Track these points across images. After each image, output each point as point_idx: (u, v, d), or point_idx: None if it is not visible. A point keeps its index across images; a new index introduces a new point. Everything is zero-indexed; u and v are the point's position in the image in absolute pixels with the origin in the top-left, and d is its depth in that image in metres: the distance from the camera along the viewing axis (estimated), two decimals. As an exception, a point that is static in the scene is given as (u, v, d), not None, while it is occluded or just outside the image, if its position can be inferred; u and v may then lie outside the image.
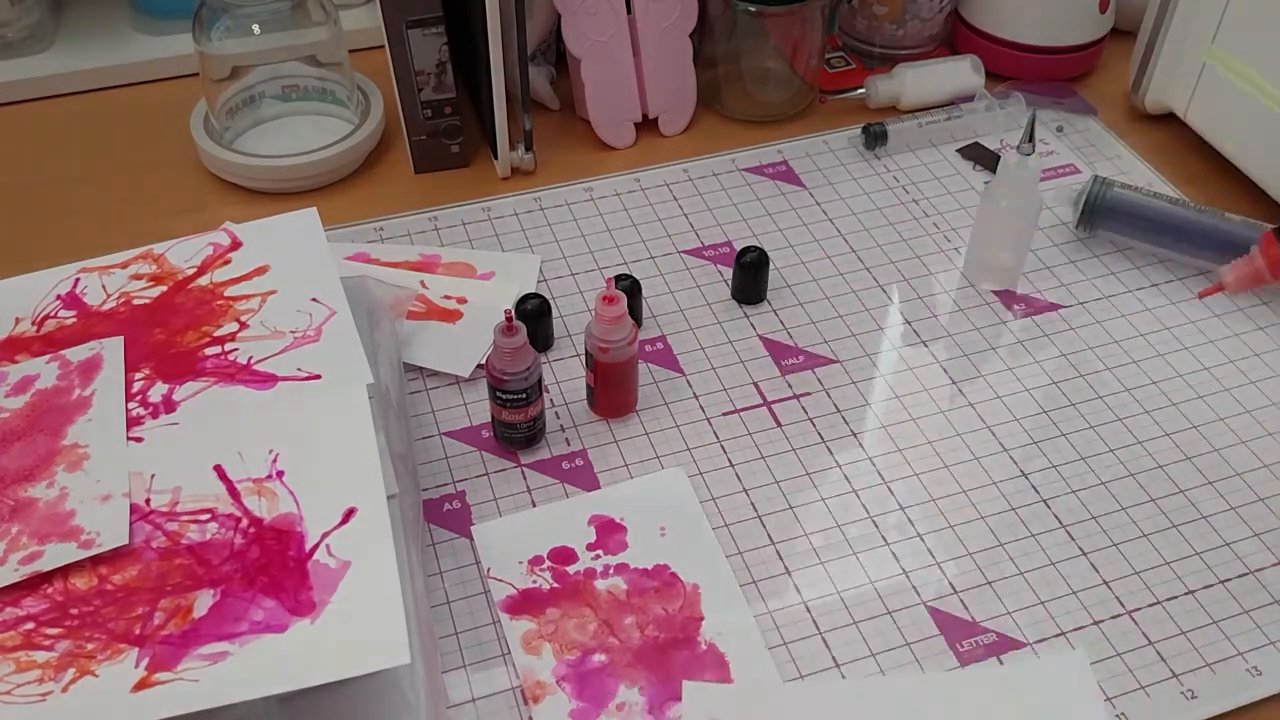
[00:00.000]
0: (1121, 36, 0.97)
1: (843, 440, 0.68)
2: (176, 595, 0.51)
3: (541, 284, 0.78)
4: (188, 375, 0.60)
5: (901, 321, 0.76)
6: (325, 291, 0.64)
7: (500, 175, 0.87)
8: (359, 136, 0.86)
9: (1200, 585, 0.61)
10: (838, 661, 0.58)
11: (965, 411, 0.70)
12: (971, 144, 0.90)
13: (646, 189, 0.86)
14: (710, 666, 0.57)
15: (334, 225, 0.81)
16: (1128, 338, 0.75)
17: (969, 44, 0.97)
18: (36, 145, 0.91)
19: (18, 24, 0.95)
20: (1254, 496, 0.65)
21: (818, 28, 0.90)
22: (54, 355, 0.62)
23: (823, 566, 0.62)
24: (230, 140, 0.87)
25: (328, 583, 0.51)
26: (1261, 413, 0.70)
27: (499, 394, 0.64)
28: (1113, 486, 0.66)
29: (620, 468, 0.67)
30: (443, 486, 0.66)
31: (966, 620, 0.60)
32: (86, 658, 0.49)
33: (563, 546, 0.62)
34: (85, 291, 0.66)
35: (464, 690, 0.57)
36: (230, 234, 0.68)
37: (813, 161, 0.89)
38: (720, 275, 0.79)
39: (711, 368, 0.72)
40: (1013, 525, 0.64)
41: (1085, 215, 0.80)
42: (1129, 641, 0.59)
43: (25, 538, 0.53)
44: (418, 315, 0.74)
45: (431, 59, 0.82)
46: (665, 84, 0.89)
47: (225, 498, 0.54)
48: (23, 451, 0.57)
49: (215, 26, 0.83)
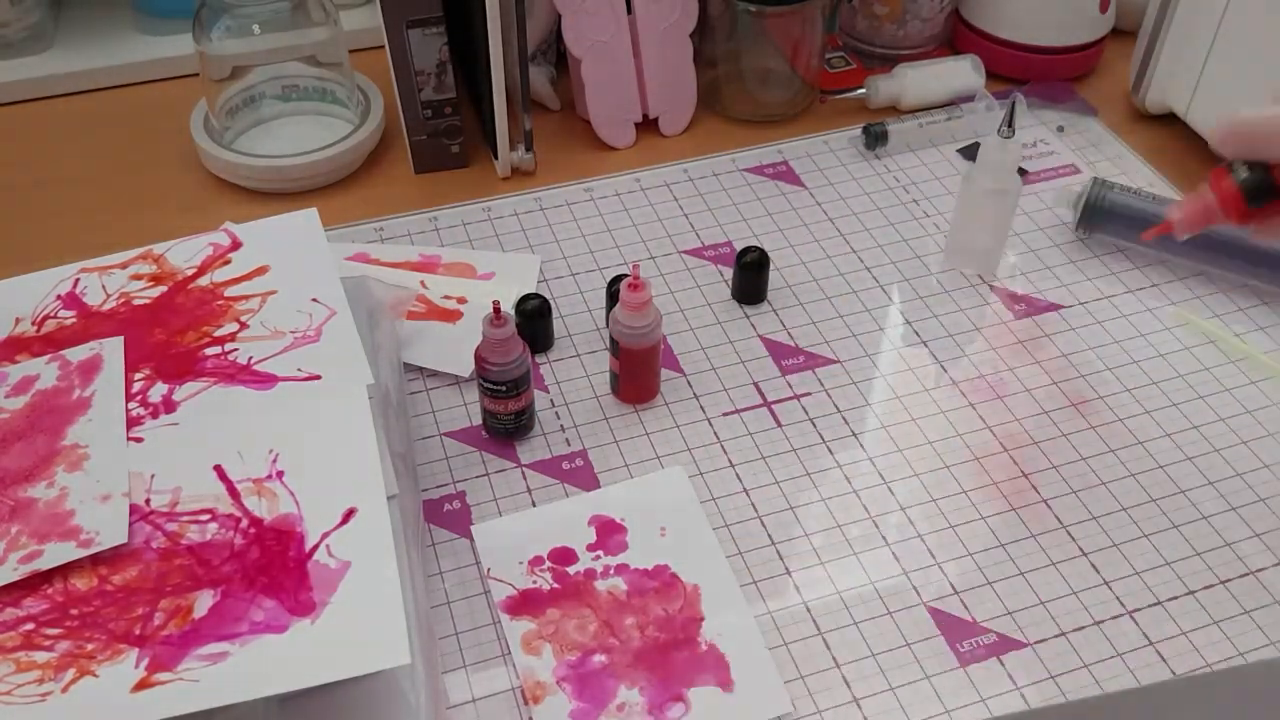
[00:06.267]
0: (1121, 36, 0.97)
1: (843, 440, 0.68)
2: (176, 596, 0.51)
3: (541, 284, 0.78)
4: (188, 375, 0.60)
5: (902, 322, 0.76)
6: (325, 292, 0.64)
7: (500, 175, 0.87)
8: (359, 136, 0.86)
9: (1200, 585, 0.61)
10: (838, 662, 0.58)
11: (965, 412, 0.70)
12: (972, 144, 0.90)
13: (646, 189, 0.86)
14: (710, 667, 0.57)
15: (334, 225, 0.81)
16: (1128, 338, 0.75)
17: (969, 44, 0.97)
18: (36, 145, 0.91)
19: (18, 24, 0.95)
20: (1254, 496, 0.65)
21: (818, 28, 0.90)
22: (54, 355, 0.62)
23: (823, 567, 0.62)
24: (230, 140, 0.87)
25: (328, 583, 0.51)
26: (1261, 413, 0.70)
27: (485, 383, 0.64)
28: (1113, 486, 0.66)
29: (620, 468, 0.67)
30: (443, 486, 0.66)
31: (966, 620, 0.60)
32: (86, 658, 0.49)
33: (563, 547, 0.62)
34: (85, 291, 0.65)
35: (464, 690, 0.57)
36: (230, 234, 0.68)
37: (813, 161, 0.89)
38: (720, 275, 0.79)
39: (712, 368, 0.72)
40: (1013, 525, 0.64)
41: (1084, 218, 0.80)
42: (1129, 641, 0.59)
43: (25, 537, 0.53)
44: (418, 315, 0.74)
45: (431, 59, 0.82)
46: (665, 84, 0.89)
47: (225, 498, 0.54)
48: (23, 451, 0.57)
49: (215, 26, 0.83)
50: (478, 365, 0.64)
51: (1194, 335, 0.75)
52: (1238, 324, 0.75)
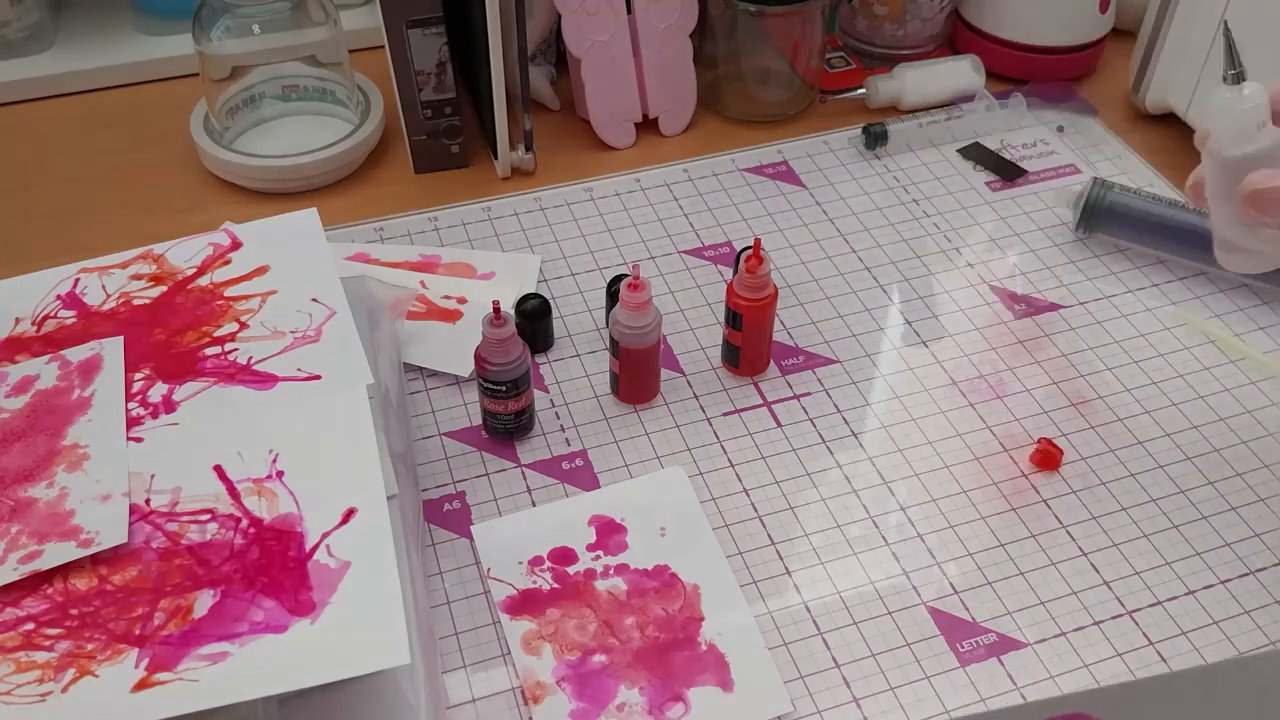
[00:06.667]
0: (1121, 36, 0.97)
1: (843, 440, 0.68)
2: (176, 595, 0.51)
3: (541, 284, 0.78)
4: (188, 375, 0.60)
5: (902, 321, 0.76)
6: (325, 292, 0.64)
7: (500, 175, 0.87)
8: (359, 136, 0.86)
9: (1200, 585, 0.61)
10: (838, 662, 0.58)
11: (965, 411, 0.70)
12: (972, 144, 0.90)
13: (646, 189, 0.86)
14: (710, 667, 0.57)
15: (334, 225, 0.81)
16: (1128, 338, 0.75)
17: (969, 44, 0.97)
18: (36, 145, 0.91)
19: (18, 24, 0.95)
20: (1254, 496, 0.65)
21: (818, 28, 0.90)
22: (54, 355, 0.62)
23: (823, 566, 0.62)
24: (230, 140, 0.87)
25: (328, 583, 0.51)
26: (1261, 413, 0.70)
27: (485, 383, 0.64)
28: (1113, 486, 0.66)
29: (620, 468, 0.67)
30: (443, 486, 0.66)
31: (966, 620, 0.60)
32: (86, 658, 0.49)
33: (563, 547, 0.62)
34: (85, 291, 0.65)
35: (464, 690, 0.57)
36: (230, 234, 0.68)
37: (813, 161, 0.89)
38: (720, 275, 0.79)
39: (711, 368, 0.72)
40: (1013, 525, 0.64)
41: (1084, 218, 0.80)
42: (1129, 641, 0.59)
43: (25, 537, 0.53)
44: (418, 315, 0.74)
45: (431, 59, 0.82)
46: (665, 84, 0.89)
47: (225, 498, 0.54)
48: (23, 451, 0.57)
49: (215, 26, 0.83)
50: (478, 365, 0.64)
51: (1194, 335, 0.75)
52: (1238, 324, 0.75)
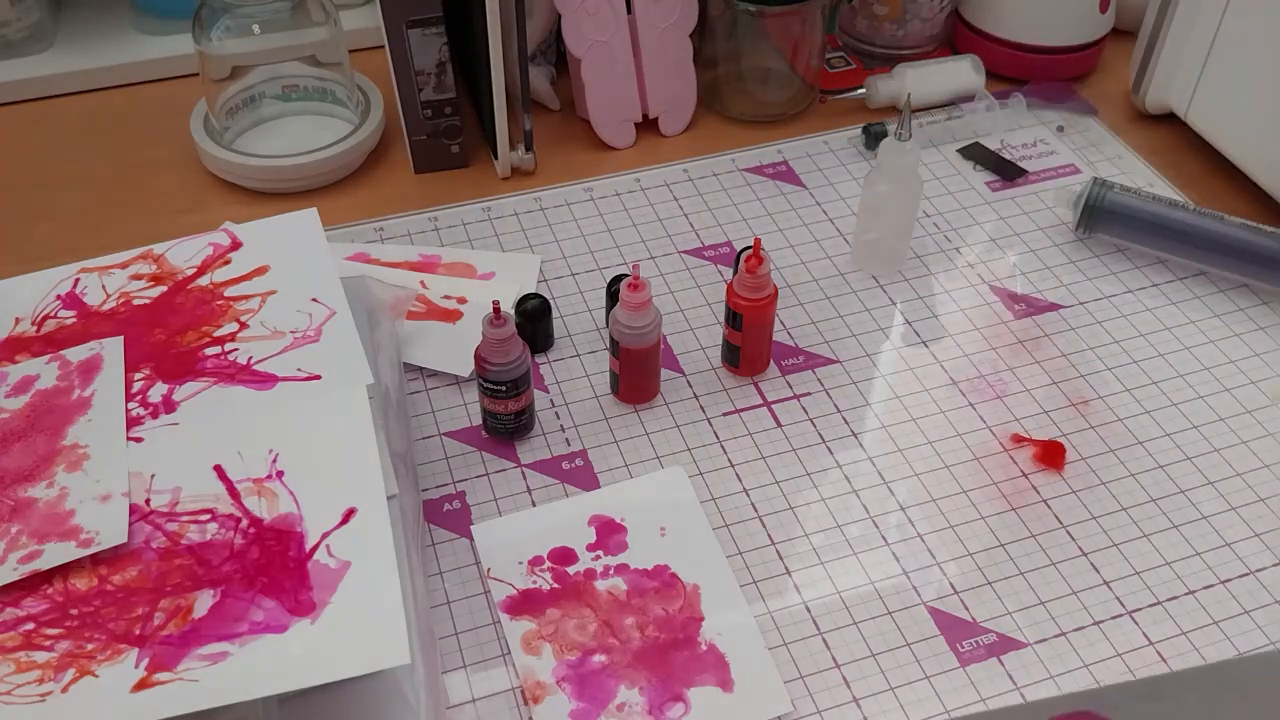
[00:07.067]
0: (1121, 36, 0.97)
1: (843, 440, 0.68)
2: (176, 595, 0.51)
3: (541, 284, 0.78)
4: (188, 375, 0.60)
5: (902, 321, 0.76)
6: (325, 292, 0.64)
7: (500, 175, 0.87)
8: (359, 136, 0.86)
9: (1200, 585, 0.61)
10: (838, 662, 0.58)
11: (965, 411, 0.70)
12: (972, 144, 0.90)
13: (646, 189, 0.86)
14: (710, 667, 0.57)
15: (334, 225, 0.81)
16: (1128, 338, 0.75)
17: (969, 44, 0.97)
18: (36, 145, 0.91)
19: (18, 24, 0.95)
20: (1254, 496, 0.65)
21: (818, 28, 0.90)
22: (54, 355, 0.62)
23: (823, 566, 0.62)
24: (230, 140, 0.87)
25: (328, 583, 0.51)
26: (1261, 413, 0.70)
27: (485, 383, 0.64)
28: (1113, 486, 0.66)
29: (620, 468, 0.67)
30: (443, 486, 0.66)
31: (966, 620, 0.60)
32: (86, 658, 0.49)
33: (563, 547, 0.62)
34: (85, 291, 0.65)
35: (464, 690, 0.57)
36: (230, 234, 0.68)
37: (813, 161, 0.89)
38: (720, 275, 0.79)
39: (711, 368, 0.72)
40: (1013, 525, 0.64)
41: (1084, 218, 0.80)
42: (1129, 641, 0.59)
43: (25, 537, 0.53)
44: (418, 315, 0.74)
45: (431, 59, 0.82)
46: (665, 84, 0.89)
47: (225, 498, 0.54)
48: (23, 451, 0.57)
49: (215, 26, 0.83)
50: (478, 365, 0.64)
51: (1194, 335, 0.75)
52: (1238, 324, 0.75)
